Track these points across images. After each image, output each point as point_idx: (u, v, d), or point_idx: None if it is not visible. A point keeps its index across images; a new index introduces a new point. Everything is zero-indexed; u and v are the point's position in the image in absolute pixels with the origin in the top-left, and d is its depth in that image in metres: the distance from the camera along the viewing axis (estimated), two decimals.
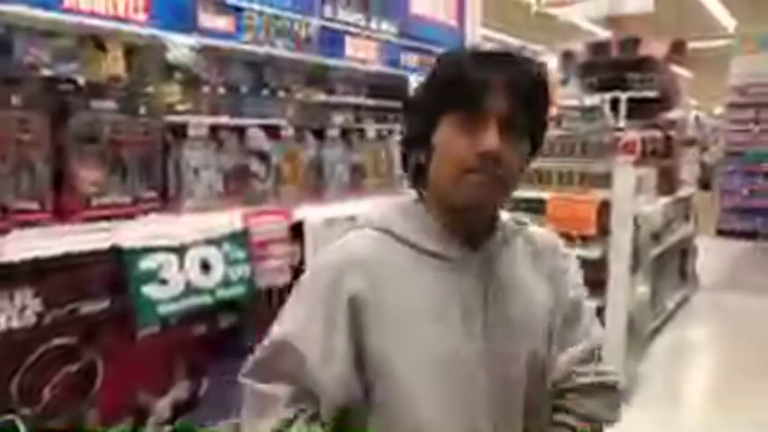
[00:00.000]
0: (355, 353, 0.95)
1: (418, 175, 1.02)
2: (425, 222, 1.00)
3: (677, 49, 5.77)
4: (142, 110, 1.63)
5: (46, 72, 2.22)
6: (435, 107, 0.96)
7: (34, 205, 1.36)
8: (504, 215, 1.07)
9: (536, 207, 3.80)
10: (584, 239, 3.63)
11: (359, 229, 1.04)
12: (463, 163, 0.92)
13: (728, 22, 11.60)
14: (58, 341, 1.40)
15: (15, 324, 1.28)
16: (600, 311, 3.67)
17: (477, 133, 0.91)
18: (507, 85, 0.91)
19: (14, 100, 1.35)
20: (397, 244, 0.99)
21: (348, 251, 1.01)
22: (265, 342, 1.02)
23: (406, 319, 0.95)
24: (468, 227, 1.00)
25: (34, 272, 1.30)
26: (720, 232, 8.96)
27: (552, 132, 4.09)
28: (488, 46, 1.00)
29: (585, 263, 3.64)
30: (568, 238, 3.66)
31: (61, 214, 1.41)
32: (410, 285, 0.97)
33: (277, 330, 1.01)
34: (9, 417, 1.33)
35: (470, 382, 0.97)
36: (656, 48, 5.54)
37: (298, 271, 1.85)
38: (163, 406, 1.62)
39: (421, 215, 1.01)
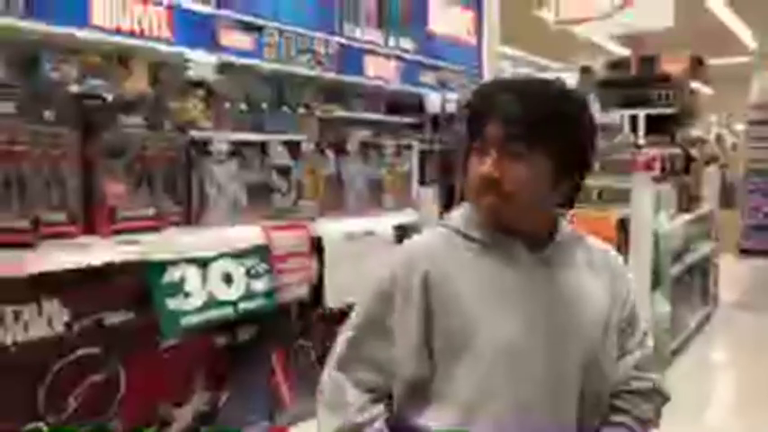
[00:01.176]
0: (426, 329, 1.06)
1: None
2: (480, 221, 1.11)
3: (696, 65, 5.75)
4: (167, 125, 1.68)
5: (74, 88, 2.28)
6: (467, 139, 1.11)
7: (63, 218, 1.40)
8: (566, 226, 1.16)
9: None
10: None
11: (434, 229, 1.18)
12: (474, 185, 1.06)
13: (749, 39, 11.53)
14: (83, 351, 1.43)
15: (43, 333, 1.32)
16: None
17: (483, 160, 1.04)
18: (504, 113, 1.03)
19: (46, 115, 1.39)
20: (464, 240, 1.11)
21: (416, 242, 1.17)
22: (346, 332, 1.14)
23: (470, 302, 1.05)
24: (516, 231, 1.09)
25: (62, 283, 1.33)
26: (743, 251, 8.82)
27: None
28: (518, 74, 1.10)
29: None
30: None
31: (89, 227, 1.45)
32: (474, 274, 1.08)
33: (358, 314, 1.14)
34: (35, 425, 1.36)
35: (528, 368, 1.04)
36: (675, 65, 5.52)
37: (317, 285, 1.87)
38: (184, 416, 1.64)
39: (482, 219, 1.11)
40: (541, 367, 1.05)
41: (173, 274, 1.49)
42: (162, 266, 1.47)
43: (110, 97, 1.77)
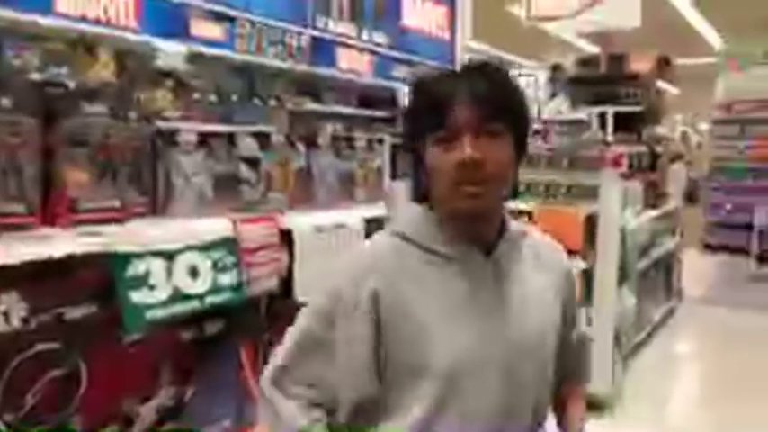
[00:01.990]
0: (375, 350, 1.01)
1: (426, 192, 1.09)
2: (438, 228, 1.06)
3: (663, 65, 5.86)
4: (132, 115, 1.64)
5: (35, 75, 2.22)
6: (418, 134, 1.04)
7: (21, 208, 1.35)
8: (511, 221, 1.13)
9: (522, 219, 3.83)
10: (571, 252, 3.65)
11: (380, 234, 1.12)
12: (450, 177, 0.99)
13: (715, 39, 11.80)
14: (42, 346, 1.39)
15: (0, 328, 1.27)
16: (587, 323, 3.69)
17: (454, 147, 0.98)
18: (472, 95, 0.99)
19: (3, 102, 1.34)
20: (414, 248, 1.05)
21: (366, 255, 1.09)
22: (285, 345, 1.09)
23: (422, 322, 1.00)
24: (478, 232, 1.06)
25: (20, 276, 1.29)
26: (706, 246, 9.05)
27: (540, 145, 4.13)
28: (461, 63, 1.09)
29: None
30: None
31: (49, 218, 1.40)
32: (427, 286, 1.03)
33: (298, 327, 1.08)
34: None
35: (484, 381, 1.01)
36: (643, 64, 5.62)
37: (287, 278, 1.85)
38: (149, 411, 1.61)
39: (434, 222, 1.07)
40: (498, 378, 1.02)
41: (137, 267, 1.45)
42: (126, 259, 1.43)
43: (72, 85, 1.71)
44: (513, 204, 4.08)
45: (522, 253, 1.12)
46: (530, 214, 3.80)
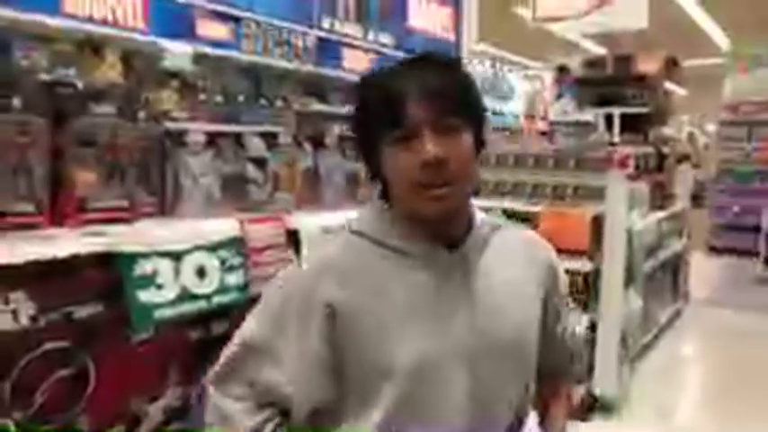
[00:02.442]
0: (331, 359, 0.95)
1: (385, 192, 1.04)
2: (401, 226, 1.00)
3: (671, 66, 5.83)
4: (141, 115, 1.64)
5: (43, 76, 2.23)
6: (372, 134, 0.97)
7: (31, 208, 1.36)
8: (480, 215, 1.07)
9: (529, 220, 3.82)
10: (577, 253, 3.64)
11: (336, 234, 1.06)
12: (413, 180, 0.93)
13: (722, 40, 11.76)
14: (51, 345, 1.40)
15: (8, 327, 1.28)
16: (593, 325, 3.68)
17: (414, 146, 0.92)
18: (428, 91, 0.93)
19: (14, 102, 1.35)
20: (373, 246, 1.00)
21: (321, 257, 1.02)
22: (232, 346, 1.02)
23: (383, 324, 0.95)
24: (443, 231, 1.00)
25: (29, 275, 1.29)
26: (712, 249, 9.02)
27: (546, 146, 4.12)
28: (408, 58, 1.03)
29: (578, 276, 3.67)
30: (561, 251, 3.67)
31: (58, 217, 1.41)
32: (386, 289, 0.97)
33: (246, 332, 1.02)
34: (1, 421, 1.32)
35: (452, 384, 0.97)
36: (650, 65, 5.60)
37: None
38: (155, 412, 1.61)
39: (396, 219, 1.01)
40: (465, 375, 0.97)
41: (144, 267, 1.45)
42: (133, 258, 1.44)
43: (81, 85, 1.72)
44: (519, 207, 4.10)
45: (494, 247, 1.05)
46: (536, 215, 3.79)
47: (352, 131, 1.04)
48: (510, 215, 3.94)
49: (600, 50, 9.10)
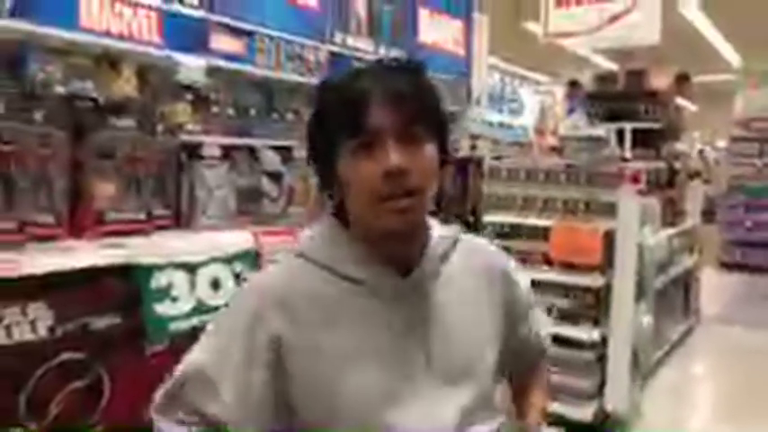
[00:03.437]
0: (278, 394, 0.89)
1: (339, 208, 0.96)
2: (351, 249, 0.93)
3: (682, 81, 5.83)
4: (158, 128, 1.67)
5: (60, 89, 2.26)
6: (329, 141, 0.90)
7: (51, 219, 1.38)
8: (437, 230, 1.01)
9: (540, 235, 3.81)
10: (589, 268, 3.63)
11: (283, 257, 0.99)
12: (374, 190, 0.86)
13: (733, 57, 11.75)
14: (67, 355, 1.41)
15: (27, 337, 1.29)
16: (604, 341, 3.65)
17: (376, 155, 0.86)
18: (392, 94, 0.87)
19: (36, 115, 1.37)
20: (321, 272, 0.93)
21: (267, 286, 0.94)
22: (176, 372, 0.97)
23: (334, 358, 0.89)
24: (398, 252, 0.94)
25: (48, 285, 1.31)
26: (723, 265, 8.95)
27: (557, 161, 4.12)
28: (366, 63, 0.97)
29: (589, 291, 3.65)
30: (572, 266, 3.66)
31: (76, 229, 1.43)
32: (335, 321, 0.90)
33: (191, 359, 0.96)
34: (16, 430, 1.33)
35: (398, 418, 0.90)
36: (661, 80, 5.60)
37: None
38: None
39: (346, 241, 0.94)
40: (418, 412, 0.90)
41: (160, 279, 1.47)
42: (149, 270, 1.45)
43: (101, 99, 1.75)
44: (530, 221, 4.07)
45: (451, 264, 0.99)
46: (547, 230, 3.79)
47: (308, 139, 0.95)
48: (522, 230, 3.93)
49: (611, 66, 9.12)
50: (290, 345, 0.88)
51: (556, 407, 3.56)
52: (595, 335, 3.60)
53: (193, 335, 1.59)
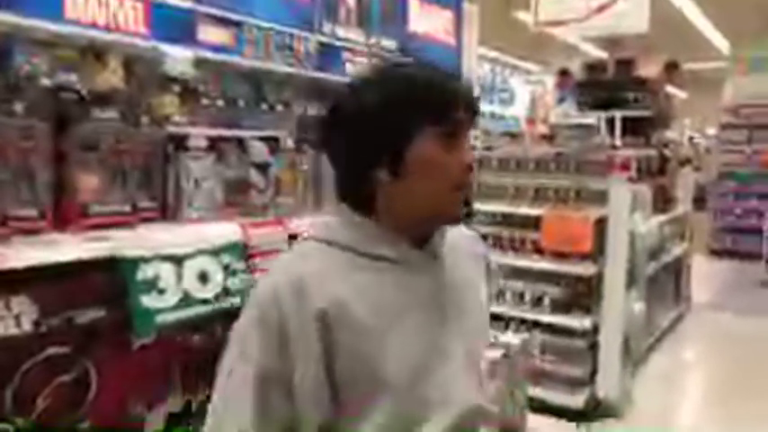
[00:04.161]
0: (327, 373, 0.91)
1: (370, 195, 0.98)
2: (377, 231, 0.98)
3: (671, 69, 5.84)
4: (143, 120, 1.64)
5: (45, 81, 2.23)
6: (410, 125, 0.94)
7: (34, 213, 1.36)
8: None
9: (531, 224, 3.82)
10: (580, 256, 3.64)
11: (304, 245, 1.02)
12: (455, 178, 0.94)
13: (722, 43, 11.77)
14: (53, 350, 1.39)
15: (11, 332, 1.27)
16: (595, 329, 3.67)
17: (456, 148, 0.94)
18: (471, 96, 0.98)
19: (17, 107, 1.35)
20: (346, 254, 0.97)
21: (307, 269, 0.94)
22: (235, 375, 0.94)
23: (375, 331, 0.92)
24: (426, 234, 1.01)
25: (32, 279, 1.29)
26: (713, 252, 9.01)
27: (548, 150, 4.12)
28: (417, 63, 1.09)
29: (581, 280, 3.66)
30: (564, 254, 3.67)
31: (60, 222, 1.41)
32: (373, 296, 0.94)
33: (251, 360, 0.91)
34: (2, 426, 1.32)
35: (447, 383, 0.98)
36: (651, 68, 5.61)
37: None
38: (157, 418, 1.60)
39: (372, 225, 0.99)
40: (464, 373, 1.00)
41: (146, 271, 1.45)
42: (135, 263, 1.44)
43: (84, 91, 1.72)
44: (522, 210, 4.08)
45: (450, 245, 1.06)
46: (538, 219, 3.79)
47: (373, 120, 0.96)
48: (513, 218, 3.94)
49: (600, 53, 9.11)
50: (333, 320, 0.90)
51: (548, 394, 3.58)
52: (587, 323, 3.62)
53: (181, 327, 1.59)
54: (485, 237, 3.72)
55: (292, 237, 1.84)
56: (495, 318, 3.65)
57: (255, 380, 0.90)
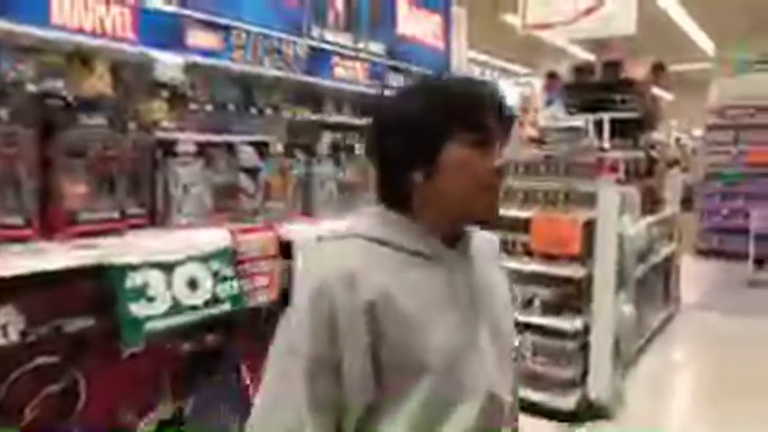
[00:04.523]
0: (373, 359, 0.98)
1: (406, 196, 1.07)
2: (410, 227, 1.06)
3: (658, 71, 5.88)
4: (131, 126, 1.63)
5: (31, 88, 2.21)
6: (445, 129, 1.02)
7: (19, 221, 1.34)
8: None
9: (520, 226, 3.83)
10: (569, 258, 3.65)
11: (346, 239, 1.07)
12: (484, 181, 1.02)
13: (707, 45, 11.88)
14: (41, 360, 1.37)
15: None
16: (585, 331, 3.69)
17: (487, 152, 1.02)
18: (505, 108, 1.06)
19: (2, 114, 1.33)
20: (383, 248, 1.04)
21: (351, 262, 1.00)
22: (289, 365, 0.99)
23: (416, 321, 1.00)
24: (457, 234, 1.10)
25: (19, 288, 1.27)
26: (700, 252, 9.08)
27: (537, 152, 4.13)
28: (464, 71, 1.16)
29: (570, 282, 3.68)
30: (553, 257, 3.68)
31: (47, 230, 1.39)
32: (414, 289, 1.01)
33: (302, 349, 0.98)
34: None
35: (483, 369, 1.05)
36: (638, 70, 5.65)
37: (287, 289, 1.84)
38: (148, 425, 1.59)
39: (407, 222, 1.07)
40: (492, 365, 1.06)
41: (135, 279, 1.44)
42: (124, 271, 1.42)
43: (70, 97, 1.70)
44: (511, 213, 4.08)
45: (476, 245, 1.14)
46: (527, 221, 3.80)
47: (411, 123, 1.04)
48: (502, 221, 3.94)
49: (587, 56, 9.17)
50: (381, 310, 0.97)
51: (539, 396, 3.59)
52: (578, 324, 3.63)
53: (171, 335, 1.57)
54: None
55: (282, 242, 1.83)
56: None
57: (306, 371, 0.97)
